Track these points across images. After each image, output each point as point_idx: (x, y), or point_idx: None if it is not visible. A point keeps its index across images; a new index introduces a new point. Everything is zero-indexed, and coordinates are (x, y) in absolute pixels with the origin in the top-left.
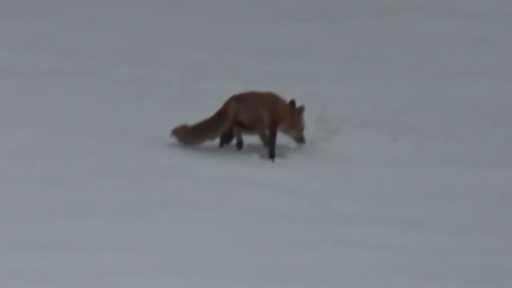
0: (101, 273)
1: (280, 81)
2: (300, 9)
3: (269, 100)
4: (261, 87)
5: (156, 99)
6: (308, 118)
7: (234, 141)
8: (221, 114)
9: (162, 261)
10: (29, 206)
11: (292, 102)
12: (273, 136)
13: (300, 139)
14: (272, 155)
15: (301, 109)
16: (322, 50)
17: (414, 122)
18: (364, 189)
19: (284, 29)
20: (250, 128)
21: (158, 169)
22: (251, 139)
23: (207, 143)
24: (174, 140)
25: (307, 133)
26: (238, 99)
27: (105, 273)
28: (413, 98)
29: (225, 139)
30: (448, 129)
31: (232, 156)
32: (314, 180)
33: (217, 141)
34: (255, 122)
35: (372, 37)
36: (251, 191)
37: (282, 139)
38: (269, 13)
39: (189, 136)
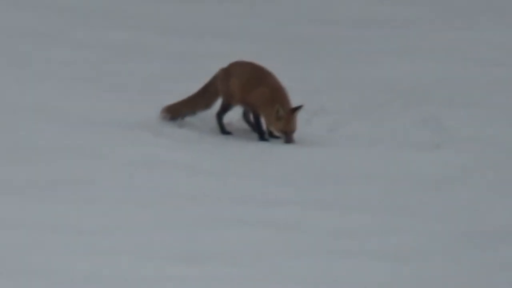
0: (14, 251)
1: (193, 59)
2: None
3: (252, 79)
4: (174, 66)
5: (78, 79)
6: None
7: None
8: (209, 84)
9: (76, 240)
10: None
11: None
12: (254, 117)
13: (286, 140)
14: (260, 137)
15: (284, 111)
16: (237, 30)
17: (327, 103)
18: (279, 171)
19: (197, 9)
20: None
21: (69, 149)
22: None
23: None
24: (164, 118)
25: None
26: (227, 69)
27: (18, 251)
28: (326, 79)
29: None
30: (362, 110)
31: (146, 138)
32: (227, 162)
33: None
34: (226, 96)
35: (284, 17)
36: (161, 171)
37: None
38: None
39: (183, 109)
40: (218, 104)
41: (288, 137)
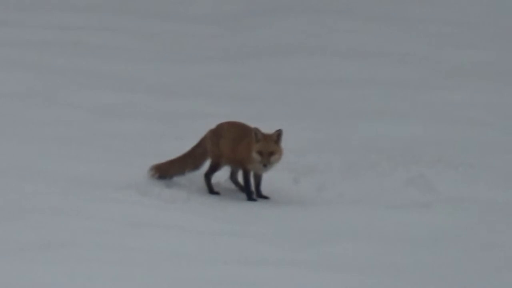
0: None
1: (181, 120)
2: (201, 50)
3: (239, 137)
4: (161, 126)
5: (65, 139)
6: None
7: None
8: (198, 145)
9: None
10: None
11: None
12: (244, 176)
13: (261, 160)
14: (248, 197)
15: (261, 134)
16: (222, 90)
17: (315, 162)
18: (265, 230)
19: (185, 69)
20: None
21: (55, 209)
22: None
23: None
24: (152, 176)
25: None
26: (216, 130)
27: None
28: (315, 138)
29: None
30: (350, 169)
31: (133, 198)
32: (215, 221)
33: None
34: (215, 156)
35: (273, 77)
36: (149, 231)
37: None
38: (171, 54)
39: (171, 169)
40: (207, 164)
41: (264, 158)
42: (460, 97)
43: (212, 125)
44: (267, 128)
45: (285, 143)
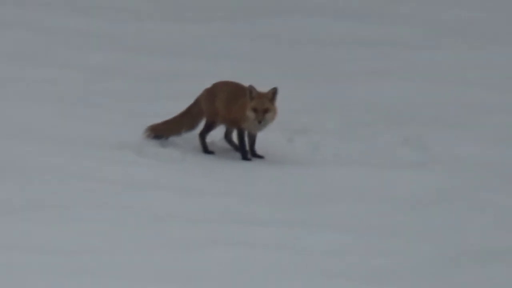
0: None
1: (176, 79)
2: (195, 10)
3: (234, 96)
4: (155, 86)
5: (58, 99)
6: None
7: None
8: (194, 105)
9: (60, 261)
10: None
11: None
12: (238, 135)
13: (256, 117)
14: (243, 156)
15: (256, 92)
16: (217, 49)
17: (310, 122)
18: (260, 189)
19: (179, 29)
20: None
21: (51, 169)
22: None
23: None
24: (148, 136)
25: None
26: (211, 89)
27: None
28: (310, 98)
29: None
30: (345, 129)
31: (129, 158)
32: (210, 181)
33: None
34: (210, 115)
35: (268, 37)
36: (145, 191)
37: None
38: (165, 14)
39: (167, 129)
40: (202, 124)
41: (259, 115)
42: (455, 57)
43: (207, 84)
44: (262, 88)
45: (281, 102)
